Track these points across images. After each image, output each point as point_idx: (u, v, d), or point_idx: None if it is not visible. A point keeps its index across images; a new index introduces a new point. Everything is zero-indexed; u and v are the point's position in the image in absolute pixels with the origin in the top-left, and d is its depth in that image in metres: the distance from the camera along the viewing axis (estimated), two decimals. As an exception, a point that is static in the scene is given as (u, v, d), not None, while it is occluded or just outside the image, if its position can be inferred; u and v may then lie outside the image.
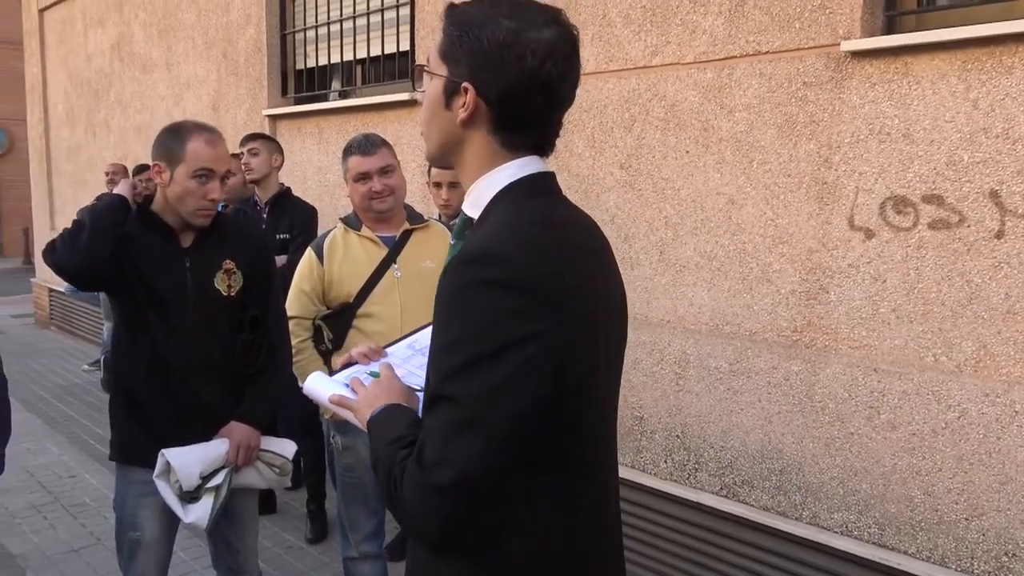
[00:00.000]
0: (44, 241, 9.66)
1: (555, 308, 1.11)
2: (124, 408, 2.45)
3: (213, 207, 2.41)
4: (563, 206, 1.28)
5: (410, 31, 4.67)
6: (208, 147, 2.36)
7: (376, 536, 2.93)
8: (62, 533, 4.15)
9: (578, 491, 1.23)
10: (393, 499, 1.16)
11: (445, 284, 1.14)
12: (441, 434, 1.11)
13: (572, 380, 1.14)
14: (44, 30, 9.49)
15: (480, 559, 1.19)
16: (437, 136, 1.28)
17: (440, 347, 1.14)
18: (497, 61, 1.17)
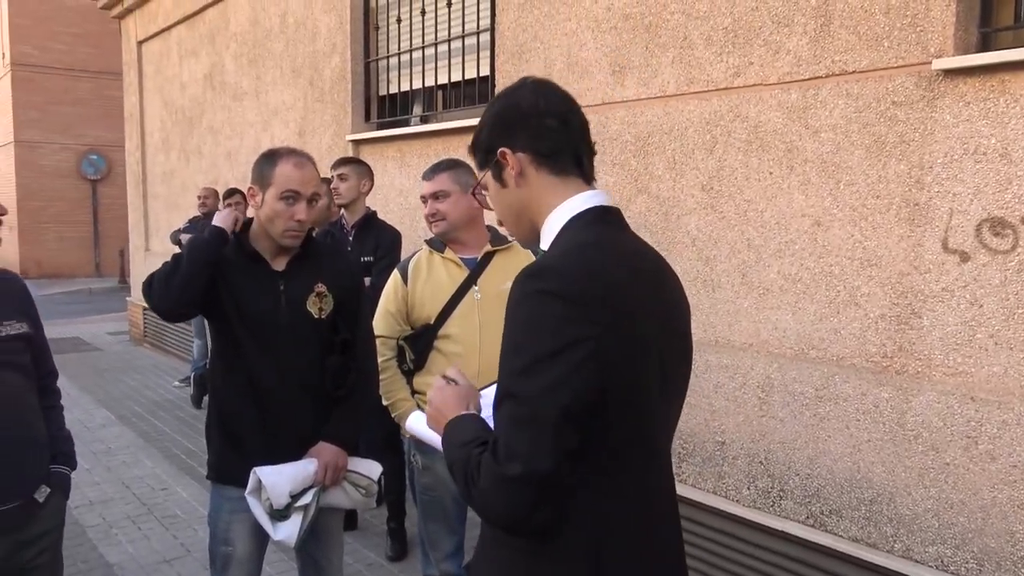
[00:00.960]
0: (139, 262, 10.13)
1: (602, 316, 1.27)
2: (218, 428, 2.54)
3: (300, 228, 2.47)
4: (619, 233, 1.45)
5: (490, 56, 4.74)
6: (295, 170, 2.43)
7: (456, 555, 2.95)
8: (155, 544, 4.31)
9: (633, 489, 1.36)
10: (470, 491, 1.31)
11: (511, 295, 1.32)
12: (508, 429, 1.27)
13: (618, 382, 1.28)
14: (142, 61, 9.98)
15: (543, 546, 1.32)
16: (512, 214, 1.52)
17: (507, 350, 1.31)
18: (508, 121, 1.47)
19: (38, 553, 2.25)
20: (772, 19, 3.21)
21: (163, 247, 9.35)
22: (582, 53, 4.04)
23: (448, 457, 1.40)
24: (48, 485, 2.30)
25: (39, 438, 2.30)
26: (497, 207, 1.55)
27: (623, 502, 1.35)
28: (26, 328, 2.30)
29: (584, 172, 1.49)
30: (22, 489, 2.20)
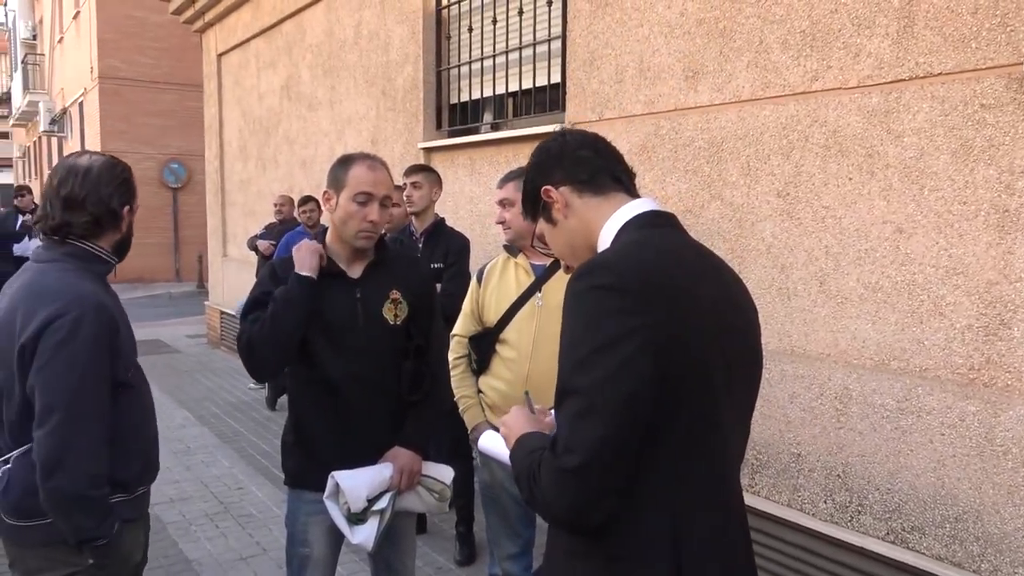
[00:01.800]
0: (217, 267, 10.43)
1: (651, 307, 1.28)
2: (295, 434, 2.59)
3: (373, 229, 2.49)
4: (671, 232, 1.48)
5: (561, 63, 4.75)
6: (368, 172, 2.47)
7: (520, 557, 2.95)
8: (232, 541, 4.42)
9: (696, 484, 1.34)
10: (532, 492, 1.33)
11: (566, 294, 1.36)
12: (568, 423, 1.27)
13: (678, 371, 1.28)
14: (222, 73, 10.31)
15: (602, 544, 1.32)
16: (570, 246, 1.57)
17: (564, 347, 1.33)
18: (543, 164, 1.57)
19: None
20: (852, 21, 3.14)
21: (240, 253, 9.62)
22: (654, 59, 4.01)
23: (515, 469, 1.42)
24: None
25: None
26: (556, 247, 1.61)
27: (700, 508, 1.34)
28: None
29: (626, 187, 1.54)
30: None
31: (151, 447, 2.28)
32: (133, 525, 2.19)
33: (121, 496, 2.12)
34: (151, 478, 2.29)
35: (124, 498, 2.14)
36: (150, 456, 2.27)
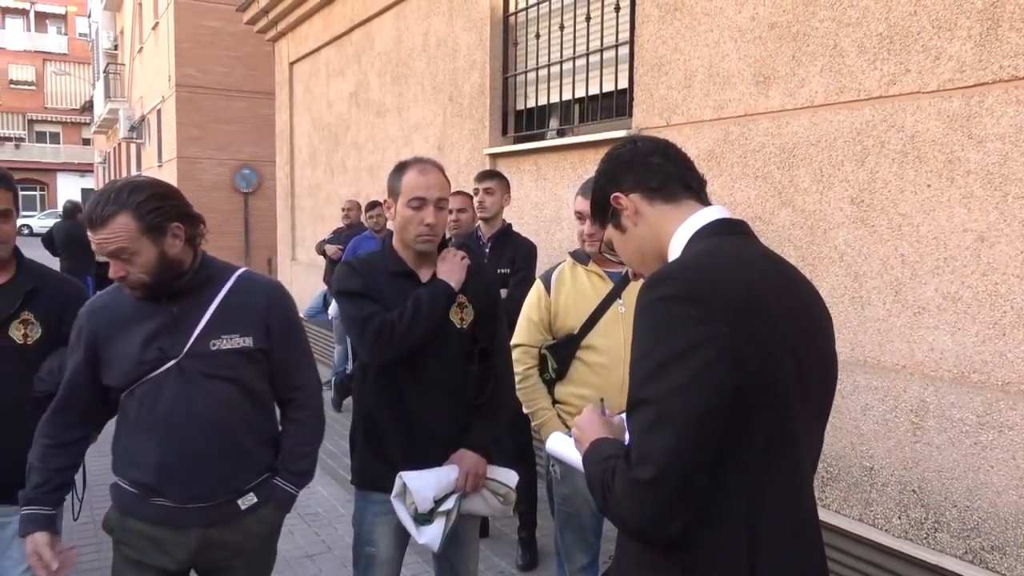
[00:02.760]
0: (286, 269, 10.67)
1: (725, 316, 1.25)
2: (363, 435, 2.61)
3: (431, 232, 2.50)
4: (742, 241, 1.45)
5: (629, 68, 4.73)
6: (419, 176, 2.49)
7: (590, 568, 2.94)
8: (299, 539, 4.51)
9: (771, 497, 1.31)
10: (606, 502, 1.32)
11: (636, 304, 1.34)
12: (640, 434, 1.26)
13: (753, 382, 1.25)
14: (293, 81, 10.56)
15: (676, 556, 1.31)
16: (640, 254, 1.55)
17: (636, 358, 1.31)
18: (614, 171, 1.55)
19: (230, 556, 2.27)
20: (932, 23, 3.05)
21: (308, 256, 9.83)
22: (724, 64, 3.97)
23: (588, 473, 1.41)
24: (259, 495, 2.28)
25: (244, 450, 2.25)
26: (625, 255, 1.59)
27: (776, 519, 1.32)
28: (250, 343, 2.21)
29: (697, 195, 1.52)
30: (213, 494, 2.20)
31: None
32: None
33: None
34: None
35: None
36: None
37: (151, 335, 2.13)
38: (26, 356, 2.45)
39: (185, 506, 2.17)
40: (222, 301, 2.20)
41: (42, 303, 2.50)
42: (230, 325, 2.19)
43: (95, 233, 2.03)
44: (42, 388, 2.41)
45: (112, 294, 2.26)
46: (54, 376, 2.38)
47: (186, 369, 2.14)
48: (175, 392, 2.13)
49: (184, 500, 2.17)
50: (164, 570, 2.24)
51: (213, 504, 2.20)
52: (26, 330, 2.47)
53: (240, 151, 20.05)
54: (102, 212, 2.01)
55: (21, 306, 2.46)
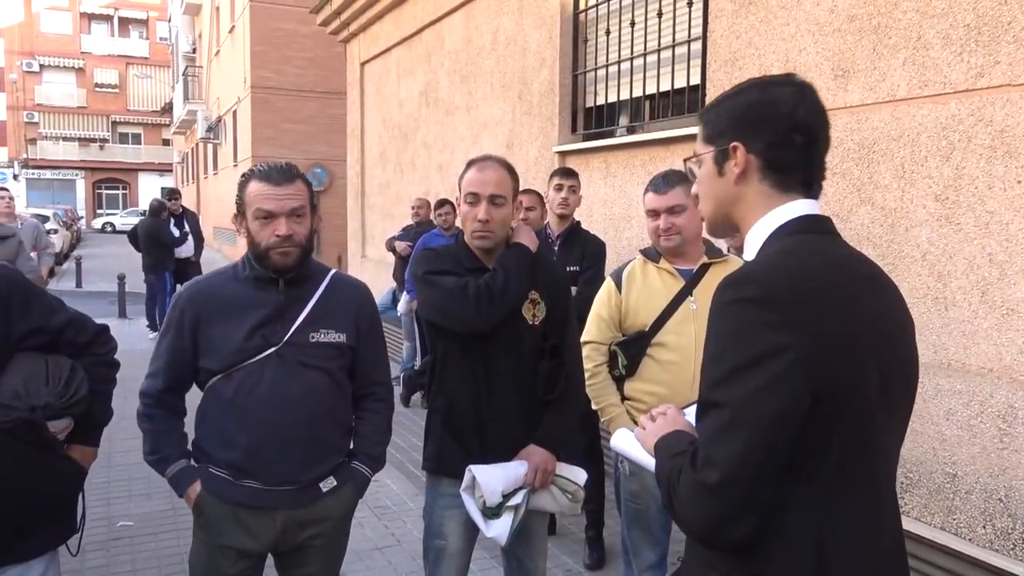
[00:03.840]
0: (356, 266, 10.84)
1: (806, 322, 1.21)
2: (440, 422, 2.64)
3: (485, 228, 2.52)
4: (827, 241, 1.37)
5: (701, 64, 4.67)
6: (475, 173, 2.53)
7: (659, 567, 2.92)
8: (368, 531, 4.59)
9: (844, 506, 1.27)
10: (671, 500, 1.30)
11: (711, 305, 1.30)
12: (709, 437, 1.24)
13: (831, 390, 1.22)
14: (364, 81, 10.73)
15: (744, 561, 1.27)
16: (714, 203, 1.46)
17: (708, 359, 1.28)
18: (756, 117, 1.38)
19: (313, 536, 2.38)
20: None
21: (378, 253, 9.98)
22: (801, 58, 3.88)
23: (657, 468, 1.40)
24: (338, 479, 2.40)
25: (328, 439, 2.39)
26: (702, 188, 1.47)
27: (850, 527, 1.28)
28: (344, 339, 2.36)
29: (808, 193, 1.40)
30: (301, 478, 2.32)
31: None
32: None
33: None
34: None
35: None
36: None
37: (257, 323, 2.26)
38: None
39: (274, 488, 2.28)
40: (320, 297, 2.35)
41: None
42: (328, 320, 2.34)
43: (281, 187, 2.21)
44: (10, 416, 1.92)
45: (213, 279, 2.39)
46: (23, 400, 1.93)
47: (285, 357, 2.27)
48: (273, 378, 2.25)
49: (274, 482, 2.28)
50: (246, 553, 2.33)
51: (299, 487, 2.32)
52: None
53: (312, 150, 20.48)
54: (289, 172, 2.25)
55: None
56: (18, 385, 1.93)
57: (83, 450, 2.20)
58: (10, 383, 1.93)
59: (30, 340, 2.02)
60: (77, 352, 2.13)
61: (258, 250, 2.25)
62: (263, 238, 2.23)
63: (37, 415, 1.94)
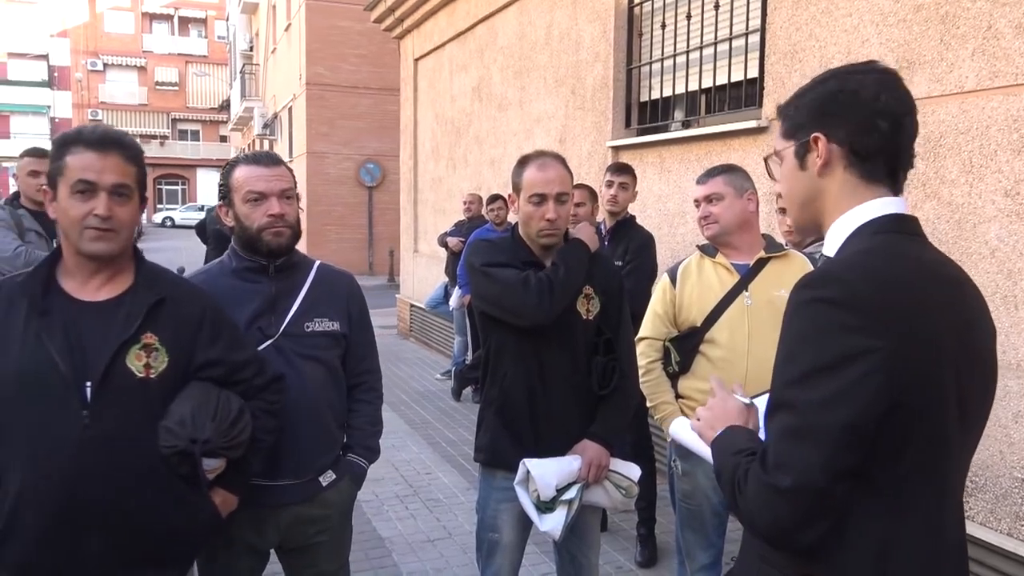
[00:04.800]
0: (408, 261, 10.93)
1: (888, 329, 1.17)
2: (494, 414, 2.64)
3: (552, 227, 2.52)
4: (912, 242, 1.32)
5: (759, 57, 4.59)
6: (538, 172, 2.51)
7: (713, 567, 2.88)
8: (420, 523, 4.62)
9: (910, 516, 1.24)
10: (736, 500, 1.27)
11: (788, 303, 1.27)
12: (781, 439, 1.21)
13: (909, 401, 1.18)
14: (417, 77, 10.80)
15: (803, 562, 1.26)
16: (799, 199, 1.41)
17: (781, 360, 1.25)
18: (837, 106, 1.33)
19: (318, 532, 2.38)
20: (1104, 0, 2.81)
21: (430, 248, 10.04)
22: (863, 50, 3.79)
23: (717, 464, 1.37)
24: (336, 472, 2.38)
25: (328, 429, 2.38)
26: (785, 185, 1.43)
27: (913, 537, 1.24)
28: (338, 327, 2.36)
29: (895, 184, 1.35)
30: (303, 470, 2.31)
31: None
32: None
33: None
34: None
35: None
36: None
37: (251, 316, 2.25)
38: (147, 395, 1.87)
39: (277, 483, 2.27)
40: (311, 286, 2.35)
41: (169, 321, 1.92)
42: (321, 309, 2.34)
43: (270, 169, 2.25)
44: (171, 442, 1.87)
45: (204, 275, 2.35)
46: (187, 429, 1.87)
47: (283, 349, 2.26)
48: None
49: (276, 477, 2.27)
50: (254, 549, 2.34)
51: (301, 481, 2.32)
52: (149, 359, 1.88)
53: (365, 146, 20.69)
54: (275, 157, 2.32)
55: (142, 326, 1.87)
56: (186, 414, 1.88)
57: (225, 496, 2.06)
58: (179, 410, 1.89)
59: (208, 370, 1.97)
60: (249, 393, 2.06)
61: (249, 233, 2.24)
62: (254, 219, 2.22)
63: (196, 447, 1.87)
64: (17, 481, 1.80)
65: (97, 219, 1.79)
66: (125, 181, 1.83)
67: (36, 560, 1.81)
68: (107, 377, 1.81)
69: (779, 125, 1.43)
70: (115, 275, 1.90)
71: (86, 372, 1.79)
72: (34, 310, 1.80)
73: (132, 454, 1.84)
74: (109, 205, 1.79)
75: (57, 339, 1.78)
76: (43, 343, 1.77)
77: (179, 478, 1.92)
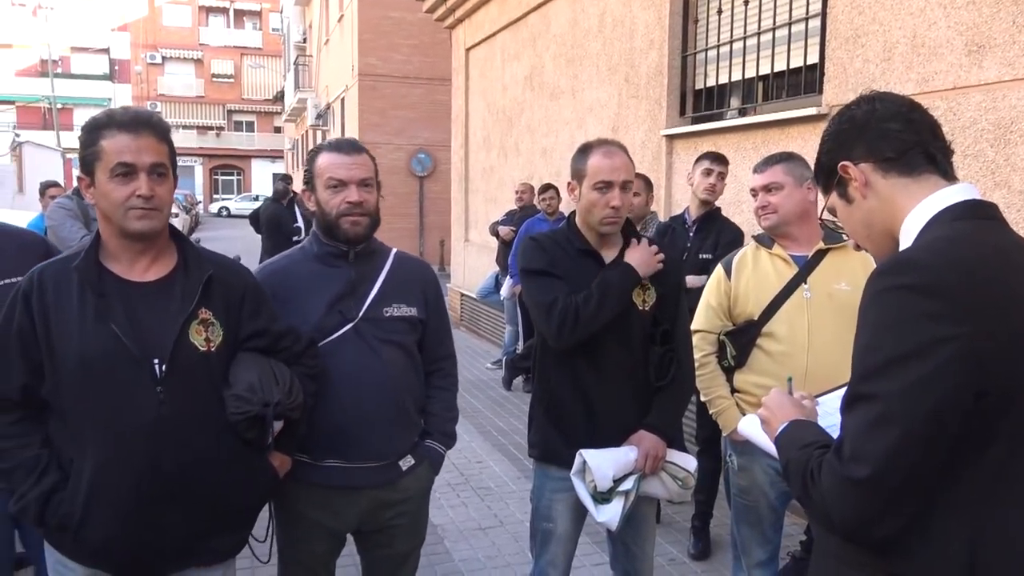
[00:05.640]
0: (459, 251, 10.98)
1: (971, 315, 1.14)
2: (544, 411, 2.64)
3: (616, 215, 2.49)
4: (994, 228, 1.29)
5: (820, 42, 4.48)
6: (605, 159, 2.48)
7: (769, 564, 2.84)
8: (472, 511, 4.65)
9: (1004, 509, 1.20)
10: (808, 493, 1.25)
11: (864, 293, 1.24)
12: (859, 430, 1.18)
13: (994, 388, 1.15)
14: (469, 67, 10.81)
15: (884, 560, 1.22)
16: (864, 229, 1.42)
17: (860, 349, 1.22)
18: (844, 135, 1.40)
19: (396, 515, 2.41)
20: None
21: (481, 238, 10.07)
22: (930, 33, 3.67)
23: (783, 457, 1.35)
24: (415, 457, 2.40)
25: (407, 413, 2.39)
26: (849, 227, 1.46)
27: (1005, 532, 1.20)
28: (415, 312, 2.38)
29: (941, 168, 1.34)
30: (384, 453, 2.33)
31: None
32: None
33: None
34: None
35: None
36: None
37: (332, 299, 2.28)
38: (210, 368, 1.94)
39: (357, 466, 2.30)
40: (389, 272, 2.37)
41: (218, 296, 1.99)
42: (399, 295, 2.36)
43: (351, 157, 2.27)
44: (244, 408, 1.94)
45: (284, 260, 2.41)
46: (258, 395, 1.94)
47: (363, 333, 2.28)
48: (353, 356, 2.27)
49: (356, 459, 2.29)
50: (333, 533, 2.37)
51: (380, 465, 2.34)
52: (208, 333, 1.94)
53: (416, 136, 20.79)
54: (357, 145, 2.33)
55: (199, 302, 1.94)
56: (254, 380, 1.95)
57: (282, 458, 2.15)
58: (246, 377, 1.96)
59: (254, 340, 2.04)
60: (291, 360, 2.12)
61: (328, 219, 2.28)
62: (333, 206, 2.26)
63: (269, 411, 1.95)
64: (92, 460, 1.84)
65: (141, 199, 1.82)
66: (161, 160, 1.87)
67: (119, 536, 1.87)
68: (175, 353, 1.87)
69: (820, 188, 1.51)
70: (159, 256, 1.95)
71: (153, 350, 1.84)
72: (91, 292, 1.84)
73: (202, 425, 1.91)
74: (150, 185, 1.83)
75: (120, 320, 1.83)
76: (107, 324, 1.81)
77: (244, 445, 1.99)
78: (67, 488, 1.86)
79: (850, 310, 2.68)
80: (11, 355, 1.87)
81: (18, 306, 1.87)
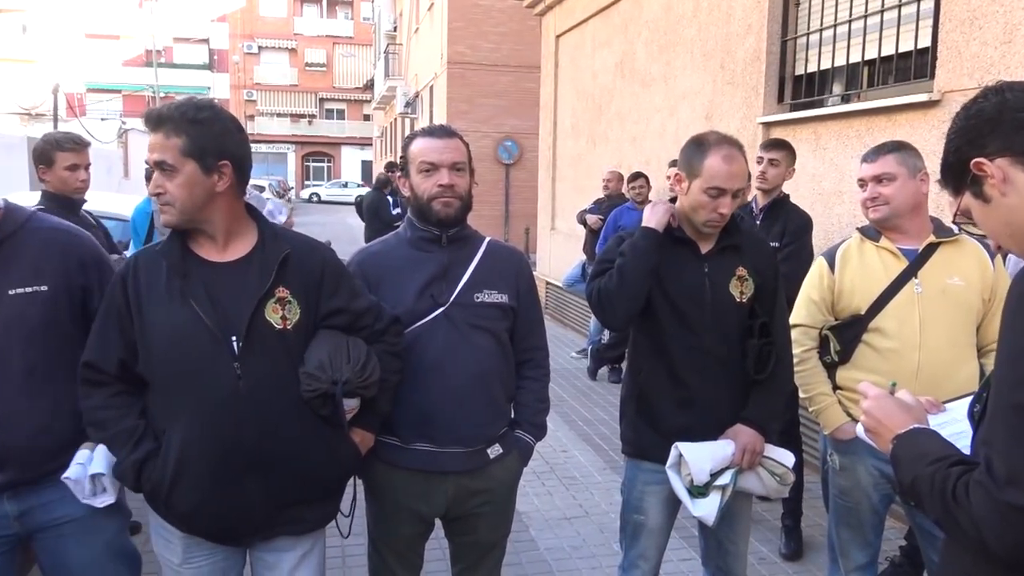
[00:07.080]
0: (545, 239, 10.95)
1: None
2: (636, 406, 2.61)
3: (723, 220, 2.44)
4: None
5: (932, 24, 4.26)
6: (724, 165, 2.38)
7: (869, 568, 2.75)
8: (557, 500, 4.64)
9: None
10: (952, 516, 1.18)
11: (1009, 296, 1.18)
12: (1013, 447, 1.11)
13: None
14: (558, 54, 10.74)
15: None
16: (1006, 230, 1.33)
17: (1007, 359, 1.15)
18: (976, 130, 1.31)
19: (482, 503, 2.41)
20: None
21: (567, 226, 10.03)
22: (1057, 14, 3.44)
23: (908, 473, 1.27)
24: (503, 447, 2.39)
25: (496, 400, 2.39)
26: (988, 227, 1.36)
27: None
28: (506, 300, 2.37)
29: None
30: (471, 439, 2.32)
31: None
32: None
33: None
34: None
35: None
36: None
37: (424, 283, 2.30)
38: (287, 345, 2.00)
39: (445, 450, 2.30)
40: (481, 259, 2.37)
41: (296, 274, 2.03)
42: (491, 282, 2.35)
43: (443, 141, 2.30)
44: (315, 386, 1.99)
45: (382, 245, 2.45)
46: (327, 371, 1.99)
47: (453, 318, 2.29)
48: (444, 340, 2.28)
49: (445, 444, 2.30)
50: (421, 517, 2.39)
51: (469, 451, 2.33)
52: (284, 311, 1.99)
53: (503, 124, 20.84)
54: (450, 130, 2.35)
55: (275, 281, 1.99)
56: (324, 358, 2.00)
57: (363, 434, 2.20)
58: (317, 355, 2.01)
59: (333, 319, 2.08)
60: (372, 338, 2.15)
61: (421, 202, 2.30)
62: (425, 189, 2.28)
63: (337, 388, 2.00)
64: (180, 432, 1.95)
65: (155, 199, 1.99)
66: (164, 158, 1.91)
67: (204, 503, 1.97)
68: (251, 330, 1.94)
69: (948, 190, 1.41)
70: (238, 236, 2.04)
71: (231, 327, 1.93)
72: (176, 274, 1.95)
73: (280, 400, 1.97)
74: (159, 182, 1.94)
75: (201, 298, 1.93)
76: (188, 303, 1.92)
77: (322, 420, 2.04)
78: (159, 456, 1.96)
79: (964, 306, 2.60)
80: (110, 334, 2.00)
81: (116, 288, 2.00)
